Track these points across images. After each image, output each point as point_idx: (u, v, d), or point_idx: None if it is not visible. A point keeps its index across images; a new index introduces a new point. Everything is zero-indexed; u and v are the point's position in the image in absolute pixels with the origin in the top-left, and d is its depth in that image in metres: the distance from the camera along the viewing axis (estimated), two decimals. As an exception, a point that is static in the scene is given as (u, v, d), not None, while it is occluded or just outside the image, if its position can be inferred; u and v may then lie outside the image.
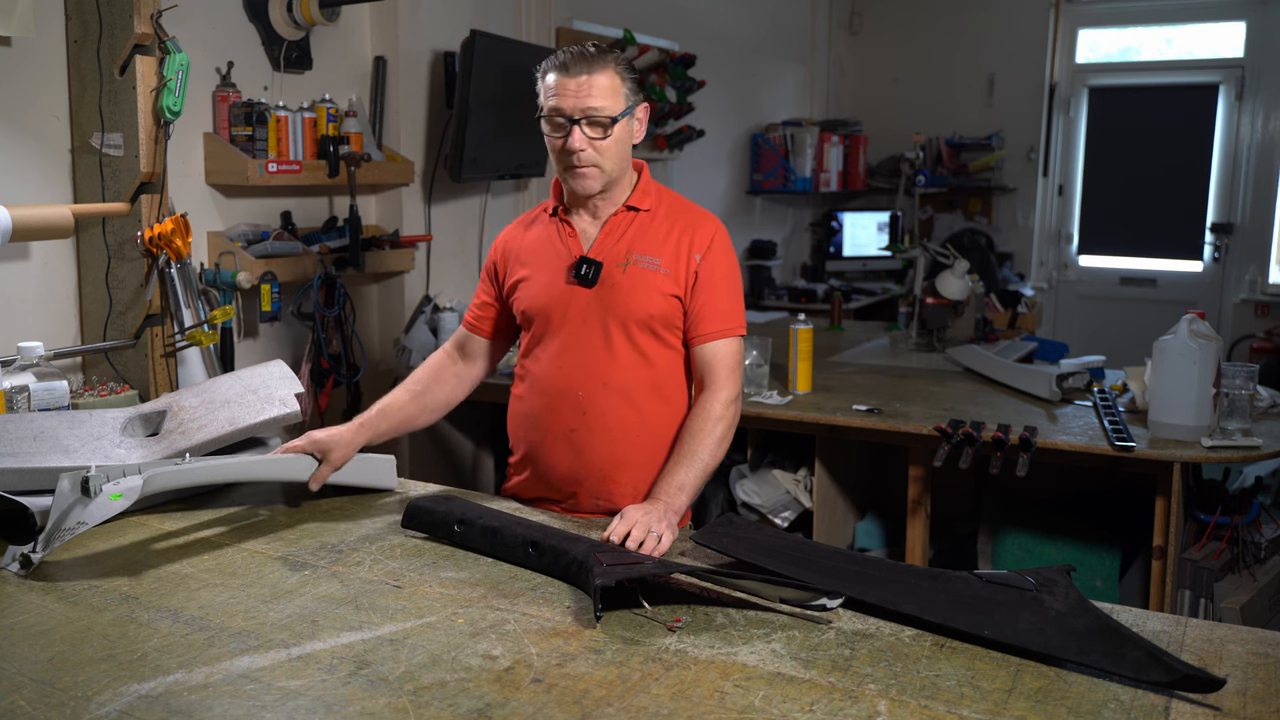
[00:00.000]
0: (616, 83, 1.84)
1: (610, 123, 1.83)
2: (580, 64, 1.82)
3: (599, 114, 1.82)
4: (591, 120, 1.82)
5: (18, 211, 2.25)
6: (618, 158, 1.88)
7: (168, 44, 2.43)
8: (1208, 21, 6.11)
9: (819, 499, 3.07)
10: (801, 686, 1.23)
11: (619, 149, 1.87)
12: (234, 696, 1.20)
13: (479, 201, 3.92)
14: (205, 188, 2.96)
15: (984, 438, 2.59)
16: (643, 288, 1.90)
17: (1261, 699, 1.20)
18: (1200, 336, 2.53)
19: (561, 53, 1.85)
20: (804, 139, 5.80)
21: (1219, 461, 2.49)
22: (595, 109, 1.81)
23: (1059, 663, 1.28)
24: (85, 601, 1.48)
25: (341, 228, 3.26)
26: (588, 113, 1.82)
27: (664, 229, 1.94)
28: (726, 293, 1.94)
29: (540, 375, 1.98)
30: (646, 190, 1.97)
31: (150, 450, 1.92)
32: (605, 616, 1.41)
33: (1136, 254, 6.39)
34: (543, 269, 1.97)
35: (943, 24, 6.52)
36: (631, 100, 1.87)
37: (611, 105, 1.83)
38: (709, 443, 1.87)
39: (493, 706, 1.18)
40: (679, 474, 1.83)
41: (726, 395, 1.91)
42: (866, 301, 5.70)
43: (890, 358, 3.73)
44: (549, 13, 4.18)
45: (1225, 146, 6.04)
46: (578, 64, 1.82)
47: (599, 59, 1.83)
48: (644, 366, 1.93)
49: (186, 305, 2.53)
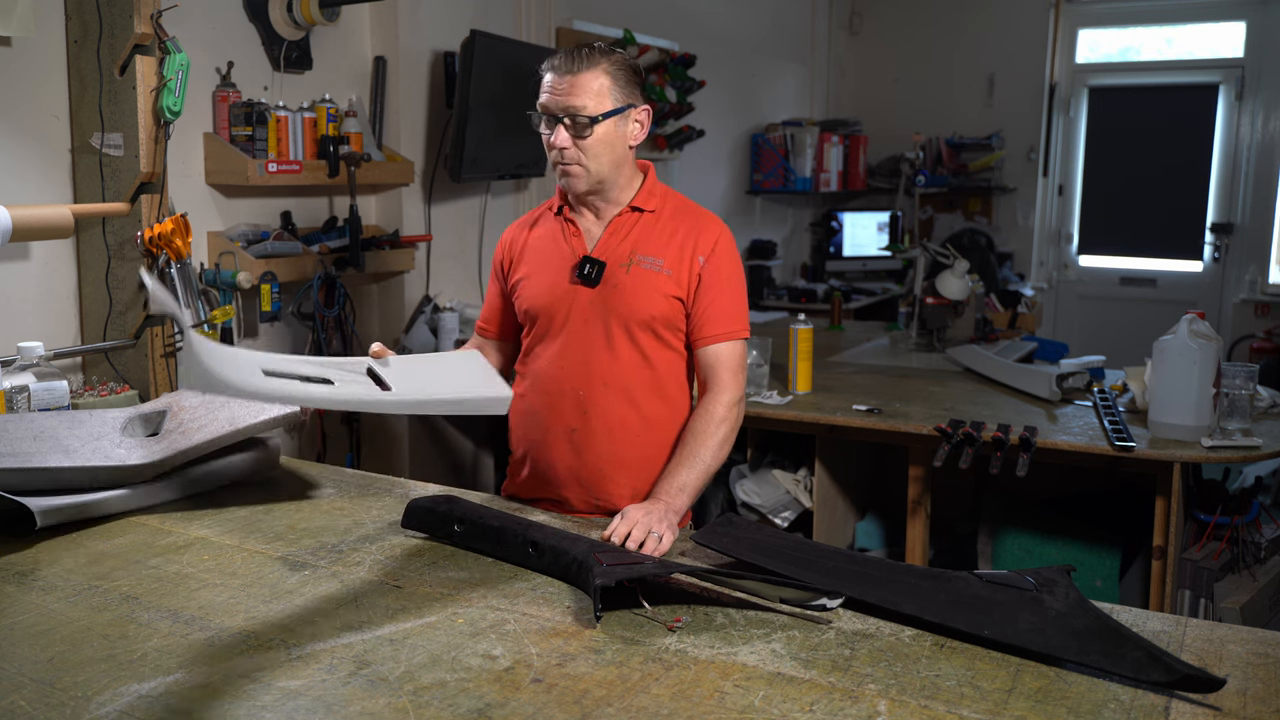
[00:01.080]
0: (604, 83, 1.84)
1: (590, 122, 1.83)
2: (569, 63, 1.84)
3: (579, 113, 1.83)
4: (573, 119, 1.84)
5: (18, 211, 2.25)
6: (606, 158, 1.88)
7: (168, 44, 2.43)
8: (1208, 21, 6.11)
9: (819, 499, 3.07)
10: (801, 686, 1.23)
11: (606, 150, 1.87)
12: (234, 696, 1.20)
13: (479, 201, 3.92)
14: (205, 188, 2.96)
15: (984, 438, 2.59)
16: (645, 288, 1.91)
17: (1261, 699, 1.20)
18: (1200, 336, 2.53)
19: (559, 52, 1.87)
20: (804, 139, 5.80)
21: (1219, 461, 2.49)
22: (576, 108, 1.83)
23: (1059, 663, 1.28)
24: (85, 601, 1.48)
25: (341, 228, 3.26)
26: (568, 111, 1.84)
27: (668, 231, 1.94)
28: (730, 296, 1.94)
29: (541, 374, 1.98)
30: (652, 192, 1.97)
31: (150, 450, 1.92)
32: (605, 616, 1.41)
33: (1136, 254, 6.39)
34: (546, 268, 1.97)
35: (943, 24, 6.52)
36: (623, 101, 1.86)
37: (594, 105, 1.83)
38: (711, 444, 1.87)
39: (493, 706, 1.18)
40: (680, 475, 1.83)
41: (730, 397, 1.91)
42: (866, 301, 5.70)
43: (890, 358, 3.73)
44: (549, 13, 4.18)
45: (1225, 146, 6.04)
46: (566, 63, 1.84)
47: (590, 59, 1.84)
48: (645, 367, 1.93)
49: (187, 305, 2.53)
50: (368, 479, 2.11)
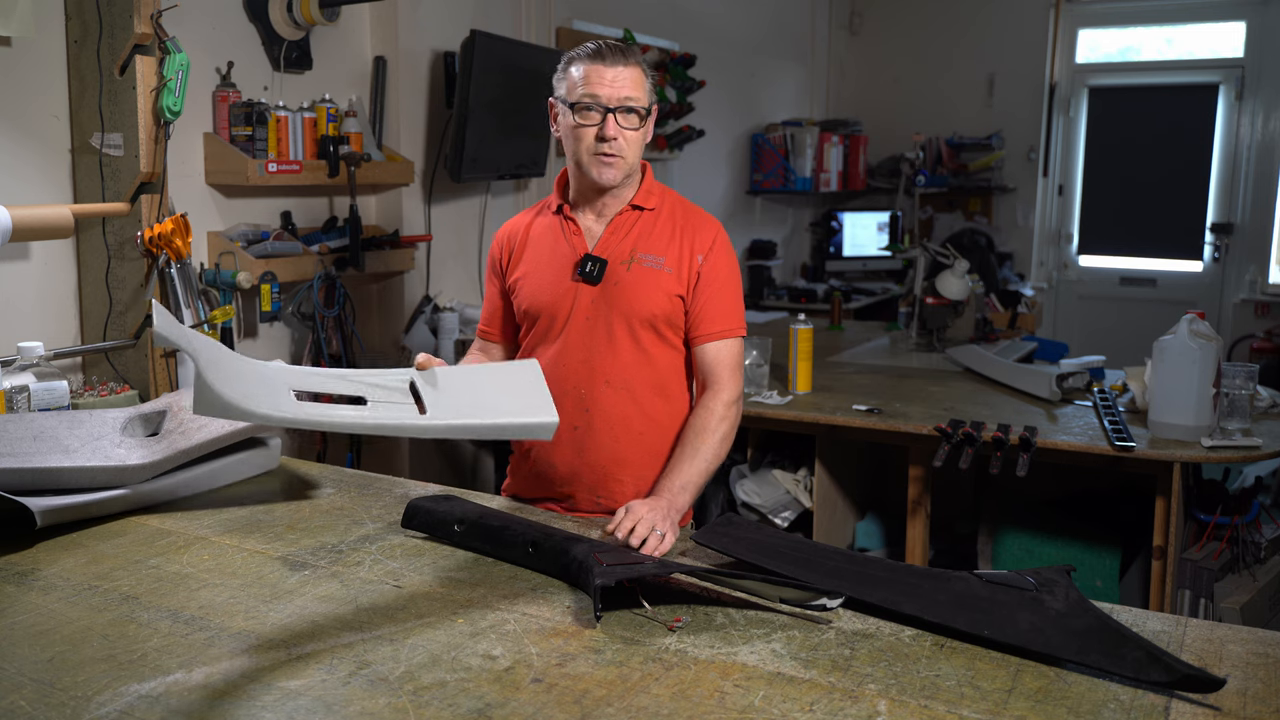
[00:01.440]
0: (644, 79, 1.89)
1: (644, 114, 1.88)
2: (617, 55, 1.85)
3: (635, 104, 1.85)
4: (627, 110, 1.85)
5: (18, 211, 2.25)
6: (638, 152, 1.92)
7: (168, 44, 2.43)
8: (1208, 21, 6.11)
9: (819, 499, 3.07)
10: (801, 686, 1.23)
11: (640, 143, 1.91)
12: (234, 696, 1.20)
13: (479, 201, 3.92)
14: (205, 188, 2.96)
15: (984, 438, 2.59)
16: (647, 286, 1.91)
17: (1261, 699, 1.20)
18: (1200, 336, 2.53)
19: (593, 44, 1.88)
20: (804, 139, 5.80)
21: (1219, 461, 2.49)
22: (632, 99, 1.85)
23: (1059, 663, 1.28)
24: (85, 601, 1.48)
25: (341, 228, 3.26)
26: (625, 102, 1.85)
27: (668, 229, 1.95)
28: (728, 294, 1.96)
29: (543, 372, 1.98)
30: (651, 190, 1.98)
31: (150, 450, 1.92)
32: (605, 616, 1.41)
33: (1136, 254, 6.39)
34: (546, 266, 1.97)
35: (943, 24, 6.51)
36: (652, 99, 1.91)
37: (645, 98, 1.87)
38: (712, 442, 1.88)
39: (493, 706, 1.18)
40: (683, 472, 1.83)
41: (729, 395, 1.92)
42: (866, 301, 5.69)
43: (890, 358, 3.73)
44: (549, 13, 4.18)
45: (1225, 146, 6.04)
46: (614, 55, 1.85)
47: (632, 54, 1.88)
48: (646, 365, 1.93)
49: (186, 305, 2.53)
50: (368, 479, 2.11)
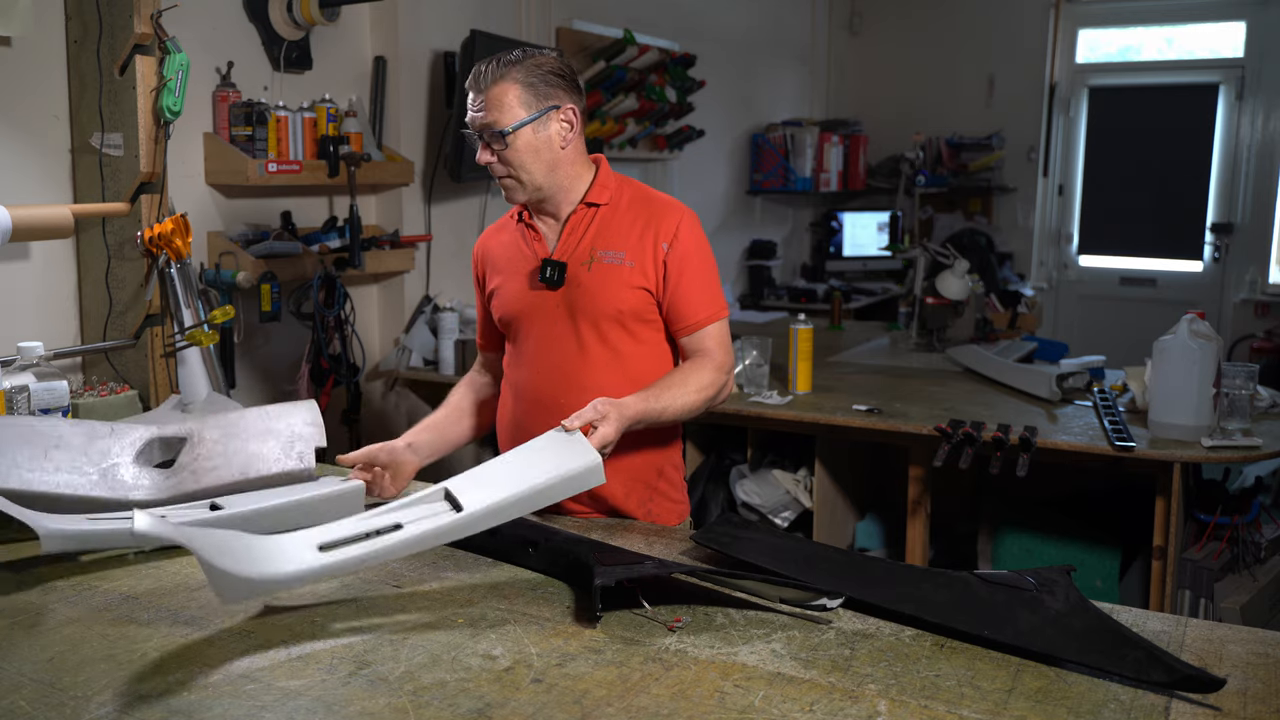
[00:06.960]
0: (515, 93, 1.82)
1: (502, 135, 1.83)
2: (479, 80, 1.84)
3: (491, 128, 1.84)
4: (491, 135, 1.84)
5: (18, 211, 2.25)
6: (535, 166, 1.86)
7: (168, 44, 2.43)
8: (1208, 21, 6.11)
9: (819, 499, 3.07)
10: (801, 686, 1.23)
11: (532, 158, 1.86)
12: (234, 696, 1.20)
13: (479, 201, 3.92)
14: (205, 188, 2.97)
15: (984, 438, 2.59)
16: (610, 284, 1.90)
17: (1261, 699, 1.20)
18: (1200, 336, 2.53)
19: (475, 67, 1.87)
20: (804, 139, 5.80)
21: (1219, 461, 2.49)
22: (489, 124, 1.84)
23: (1059, 663, 1.28)
24: (85, 601, 1.48)
25: (341, 228, 3.26)
26: (483, 128, 1.85)
27: (626, 222, 1.92)
28: (701, 280, 1.93)
29: (520, 382, 1.98)
30: (605, 184, 1.95)
31: (158, 486, 1.84)
32: (605, 616, 1.41)
33: (1136, 254, 6.38)
34: (514, 275, 1.97)
35: (943, 24, 6.51)
36: (540, 106, 1.84)
37: (505, 118, 1.82)
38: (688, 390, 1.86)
39: (493, 706, 1.18)
40: (647, 397, 1.80)
41: (716, 362, 1.91)
42: (866, 301, 5.70)
43: (890, 358, 3.73)
44: (549, 13, 4.18)
45: (1225, 146, 6.04)
46: (477, 81, 1.85)
47: (498, 71, 1.83)
48: (618, 365, 1.92)
49: (186, 305, 2.53)
50: (368, 479, 2.11)
